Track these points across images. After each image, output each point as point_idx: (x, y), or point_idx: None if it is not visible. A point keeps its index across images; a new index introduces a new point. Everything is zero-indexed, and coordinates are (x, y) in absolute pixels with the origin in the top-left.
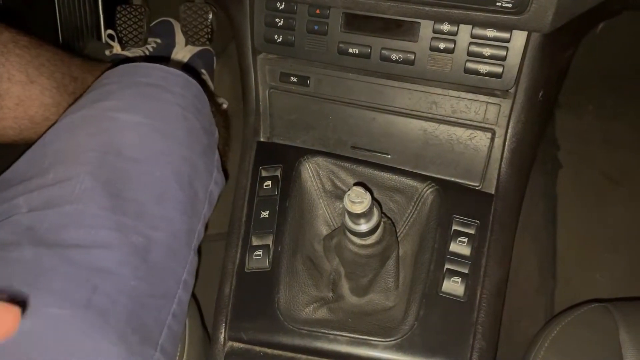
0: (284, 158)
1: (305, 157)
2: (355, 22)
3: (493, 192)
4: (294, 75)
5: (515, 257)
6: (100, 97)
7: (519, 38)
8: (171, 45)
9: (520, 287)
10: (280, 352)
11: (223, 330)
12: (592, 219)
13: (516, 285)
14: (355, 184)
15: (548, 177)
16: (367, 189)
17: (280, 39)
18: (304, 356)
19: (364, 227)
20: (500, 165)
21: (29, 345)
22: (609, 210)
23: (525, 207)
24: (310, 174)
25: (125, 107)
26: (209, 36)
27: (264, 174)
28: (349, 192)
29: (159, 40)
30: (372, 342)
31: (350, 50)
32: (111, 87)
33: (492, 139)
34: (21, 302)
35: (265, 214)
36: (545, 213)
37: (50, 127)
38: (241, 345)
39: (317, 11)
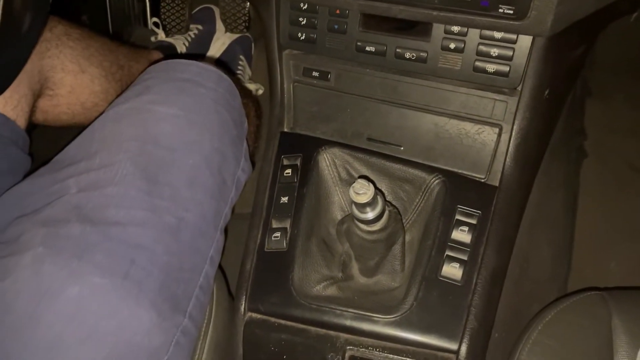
0: (304, 148)
1: (323, 148)
2: (372, 22)
3: (497, 185)
4: (316, 70)
5: (528, 244)
6: (142, 90)
7: (525, 39)
8: (212, 31)
9: (531, 274)
10: (292, 324)
11: (243, 302)
12: (613, 209)
13: (527, 271)
14: (360, 177)
15: (571, 166)
16: (370, 181)
17: (303, 36)
18: (313, 328)
19: (369, 215)
20: (505, 159)
21: (75, 308)
22: (630, 200)
23: (544, 195)
24: (327, 164)
25: (163, 100)
26: (247, 24)
27: (285, 162)
28: (353, 184)
29: (200, 27)
30: (374, 318)
31: (367, 48)
32: (152, 82)
33: (499, 134)
34: None
35: (284, 199)
36: (565, 202)
37: (98, 115)
38: (259, 315)
39: (337, 11)
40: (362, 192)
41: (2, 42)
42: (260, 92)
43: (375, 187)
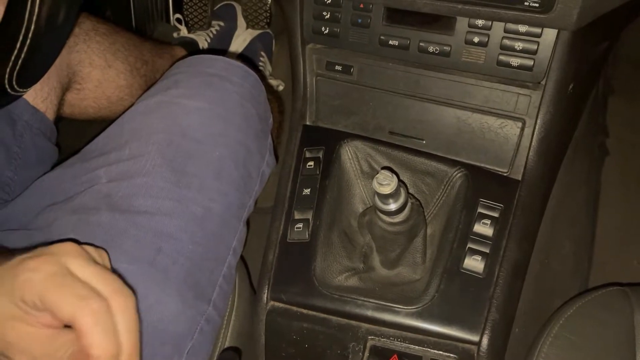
0: (326, 141)
1: (345, 141)
2: (396, 16)
3: (519, 179)
4: (339, 64)
5: (549, 240)
6: (171, 85)
7: (549, 33)
8: (233, 28)
9: (552, 269)
10: (314, 313)
11: (266, 291)
12: (635, 206)
13: (549, 267)
14: (383, 168)
15: (593, 163)
16: (394, 172)
17: (327, 30)
18: (334, 317)
19: (392, 206)
20: (528, 153)
21: None
22: None
23: (565, 191)
24: (349, 156)
25: (191, 94)
26: (268, 20)
27: (307, 154)
28: (377, 175)
29: (222, 23)
30: (395, 308)
31: (390, 42)
32: (180, 77)
33: (522, 128)
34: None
35: (307, 191)
36: (586, 198)
37: (127, 108)
38: (281, 305)
39: (361, 5)
40: (386, 183)
41: (38, 32)
42: (281, 88)
43: (399, 179)
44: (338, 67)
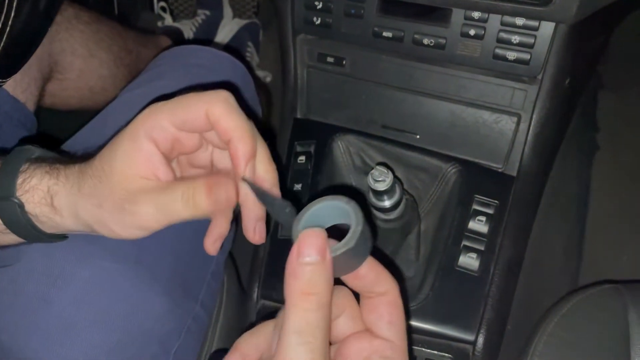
0: (318, 134)
1: (337, 135)
2: (390, 7)
3: (514, 175)
4: (331, 56)
5: (540, 237)
6: (154, 76)
7: (547, 26)
8: (219, 17)
9: (543, 266)
10: None
11: (256, 289)
12: (625, 202)
13: (539, 264)
14: (379, 164)
15: (584, 158)
16: (389, 168)
17: (319, 21)
18: None
19: (386, 203)
20: (523, 149)
21: (86, 292)
22: None
23: (556, 187)
24: (342, 151)
25: (176, 86)
26: (256, 9)
27: (298, 149)
28: (372, 171)
29: (207, 12)
30: None
31: (384, 34)
32: (164, 68)
33: (518, 124)
34: None
35: (298, 186)
36: (577, 194)
37: (110, 99)
38: (272, 303)
39: None
40: (381, 179)
41: (19, 21)
42: (269, 79)
43: (394, 175)
44: (330, 59)
